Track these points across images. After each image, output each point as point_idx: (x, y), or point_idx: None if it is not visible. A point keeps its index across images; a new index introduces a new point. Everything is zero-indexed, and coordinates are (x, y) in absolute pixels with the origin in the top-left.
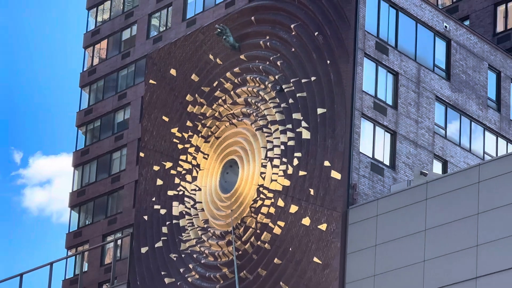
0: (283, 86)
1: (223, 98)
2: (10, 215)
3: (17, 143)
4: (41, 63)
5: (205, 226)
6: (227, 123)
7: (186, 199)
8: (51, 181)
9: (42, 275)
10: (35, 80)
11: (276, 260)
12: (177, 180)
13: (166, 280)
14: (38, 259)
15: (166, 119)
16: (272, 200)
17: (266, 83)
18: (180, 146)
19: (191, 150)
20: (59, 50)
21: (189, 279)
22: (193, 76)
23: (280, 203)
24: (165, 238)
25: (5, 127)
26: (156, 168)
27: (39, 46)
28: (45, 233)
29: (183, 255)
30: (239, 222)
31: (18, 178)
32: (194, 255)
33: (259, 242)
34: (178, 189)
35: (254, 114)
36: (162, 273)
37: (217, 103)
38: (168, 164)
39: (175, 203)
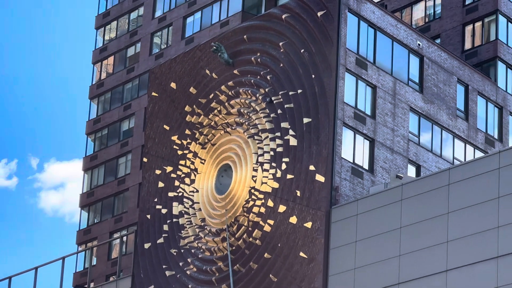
0: (273, 98)
1: (219, 108)
2: (27, 216)
3: (33, 150)
4: (55, 78)
5: (202, 224)
6: (222, 131)
7: (185, 199)
8: (64, 184)
9: (55, 268)
10: (50, 93)
11: (266, 255)
12: (177, 183)
13: (167, 273)
14: (52, 254)
15: (167, 127)
16: (263, 201)
17: (257, 95)
18: (179, 152)
19: (190, 155)
20: (70, 66)
21: (188, 272)
22: (191, 89)
23: (270, 203)
24: (166, 235)
25: (23, 135)
26: (158, 172)
27: (54, 62)
28: (58, 232)
29: (182, 250)
30: (233, 220)
31: (35, 182)
32: (192, 250)
33: (250, 239)
34: (178, 190)
35: (246, 123)
36: (163, 266)
37: (213, 113)
38: (169, 168)
39: (175, 203)
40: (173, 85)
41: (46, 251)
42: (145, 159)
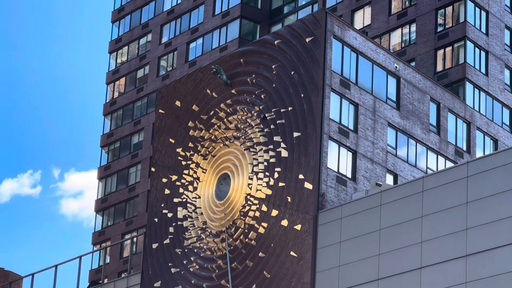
0: (266, 115)
1: (218, 124)
2: (50, 221)
3: (55, 161)
4: (73, 97)
5: (204, 226)
6: (221, 144)
7: (188, 205)
8: (83, 192)
9: (73, 266)
10: (69, 111)
11: (260, 254)
12: (181, 190)
13: (172, 270)
14: (70, 253)
15: (172, 141)
16: (257, 206)
17: (253, 112)
18: (183, 163)
19: (192, 166)
20: (86, 86)
21: (191, 269)
22: (194, 107)
23: (264, 208)
24: (172, 236)
25: (46, 149)
26: (164, 180)
27: (72, 84)
28: (76, 234)
29: (186, 250)
30: (231, 223)
31: (57, 190)
32: (195, 250)
33: (247, 240)
34: (182, 197)
35: (243, 137)
36: (169, 264)
37: (213, 128)
38: (174, 177)
39: (179, 208)
40: (177, 103)
41: (65, 251)
42: (153, 169)
